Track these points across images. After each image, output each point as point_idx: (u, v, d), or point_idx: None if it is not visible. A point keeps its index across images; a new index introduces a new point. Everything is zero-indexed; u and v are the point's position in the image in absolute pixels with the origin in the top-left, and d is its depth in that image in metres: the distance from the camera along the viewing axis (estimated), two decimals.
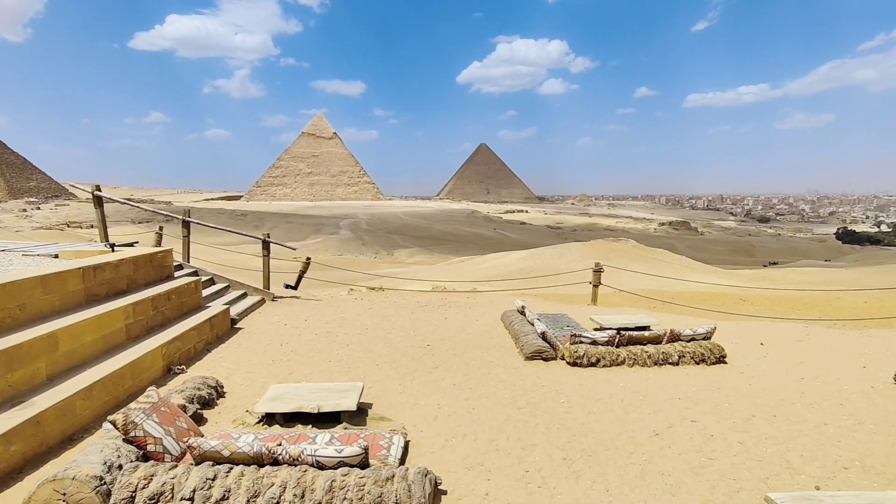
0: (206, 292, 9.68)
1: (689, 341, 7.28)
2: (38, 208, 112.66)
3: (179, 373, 6.47)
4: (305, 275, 12.17)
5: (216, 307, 8.36)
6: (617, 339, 7.17)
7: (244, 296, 10.46)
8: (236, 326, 8.71)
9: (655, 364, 6.95)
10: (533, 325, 8.01)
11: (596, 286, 11.27)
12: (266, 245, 10.68)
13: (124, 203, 10.77)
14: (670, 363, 6.97)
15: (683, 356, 7.02)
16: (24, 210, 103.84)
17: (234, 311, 9.26)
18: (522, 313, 8.83)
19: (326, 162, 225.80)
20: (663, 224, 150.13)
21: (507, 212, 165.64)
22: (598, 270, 11.24)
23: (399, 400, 5.81)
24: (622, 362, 6.94)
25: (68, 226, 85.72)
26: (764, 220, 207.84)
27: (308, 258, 12.26)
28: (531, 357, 7.14)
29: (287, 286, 12.26)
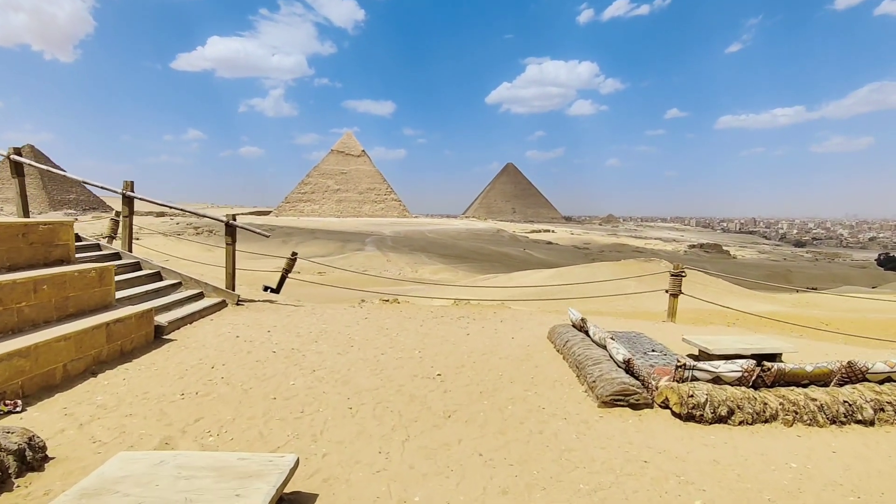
0: (140, 289, 7.07)
1: (882, 382, 4.29)
2: (76, 220, 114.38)
3: (10, 412, 3.77)
4: (290, 274, 9.47)
5: (130, 309, 5.67)
6: (756, 375, 4.24)
7: (199, 297, 7.79)
8: (165, 337, 6.00)
9: (832, 422, 3.98)
10: (605, 347, 5.11)
11: (675, 296, 8.28)
12: (231, 230, 8.00)
13: (48, 170, 8.28)
14: (860, 421, 4.00)
15: (882, 408, 4.03)
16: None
17: (173, 315, 6.59)
18: (582, 329, 5.94)
19: (354, 179, 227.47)
20: (693, 246, 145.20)
21: (534, 231, 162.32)
22: (677, 274, 8.26)
23: (373, 489, 2.98)
24: (773, 417, 4.00)
25: (102, 237, 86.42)
26: (800, 244, 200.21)
27: (294, 253, 9.56)
28: (611, 401, 4.24)
29: (267, 288, 9.58)
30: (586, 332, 5.84)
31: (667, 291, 8.37)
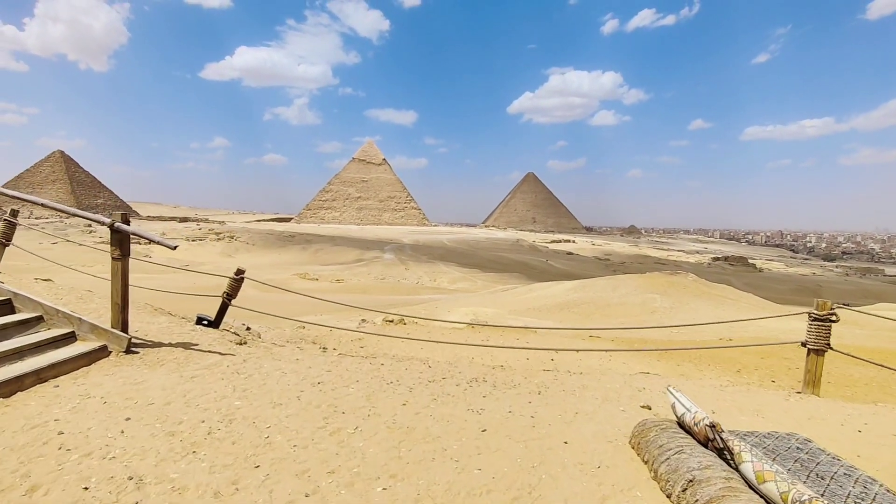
0: None
1: None
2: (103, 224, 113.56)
3: None
4: (233, 300, 6.62)
5: None
6: None
7: (66, 340, 4.98)
8: None
9: None
10: None
11: (820, 353, 5.24)
12: (120, 237, 5.13)
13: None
14: None
15: None
16: (90, 226, 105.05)
17: None
18: (711, 443, 2.98)
19: (375, 187, 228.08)
20: (718, 259, 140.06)
21: (554, 241, 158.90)
22: (826, 318, 5.20)
23: None
24: None
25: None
26: (829, 258, 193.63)
27: (240, 270, 6.72)
28: None
29: (202, 321, 6.75)
30: (720, 454, 2.88)
31: (804, 344, 5.32)
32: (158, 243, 5.08)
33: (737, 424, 3.91)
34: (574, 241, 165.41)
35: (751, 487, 2.60)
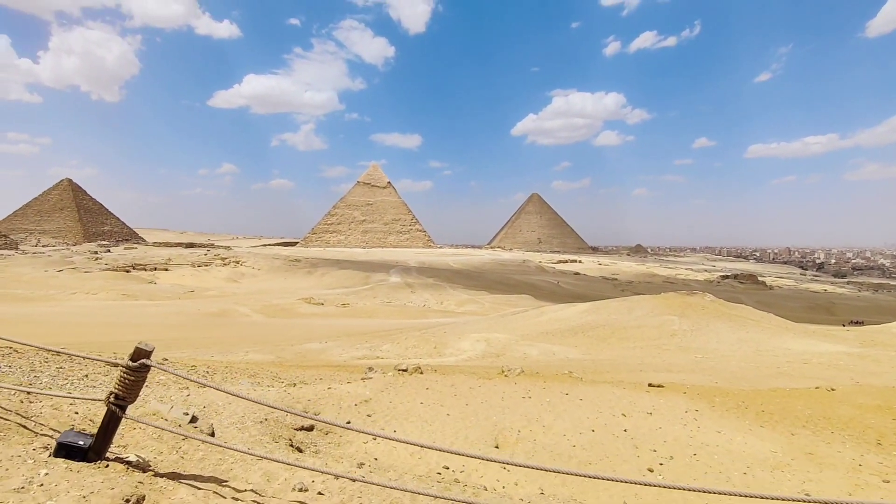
0: None
1: None
2: (109, 251, 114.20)
3: None
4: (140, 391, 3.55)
5: None
6: None
7: None
8: None
9: None
10: None
11: None
12: None
13: None
14: None
15: None
16: (95, 252, 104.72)
17: None
18: None
19: (380, 210, 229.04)
20: (727, 276, 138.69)
21: (560, 261, 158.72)
22: None
23: None
24: None
25: (133, 268, 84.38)
26: (840, 274, 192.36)
27: (141, 352, 3.33)
28: None
29: (69, 449, 3.39)
30: None
31: None
32: None
33: None
34: (580, 261, 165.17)
35: None
